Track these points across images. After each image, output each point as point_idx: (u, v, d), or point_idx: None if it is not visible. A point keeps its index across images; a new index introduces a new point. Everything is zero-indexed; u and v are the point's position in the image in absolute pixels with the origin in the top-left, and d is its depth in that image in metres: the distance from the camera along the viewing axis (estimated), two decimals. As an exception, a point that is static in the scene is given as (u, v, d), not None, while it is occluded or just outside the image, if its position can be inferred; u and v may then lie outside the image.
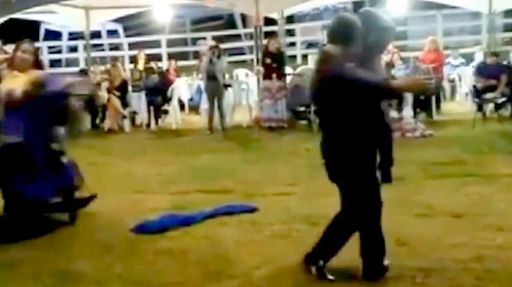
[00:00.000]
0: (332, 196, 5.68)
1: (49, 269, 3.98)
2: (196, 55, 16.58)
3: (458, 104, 12.02)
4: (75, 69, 15.20)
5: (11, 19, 14.52)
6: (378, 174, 3.89)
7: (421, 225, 4.79)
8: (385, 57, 12.24)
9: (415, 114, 10.21)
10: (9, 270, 3.99)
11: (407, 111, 9.73)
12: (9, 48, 12.52)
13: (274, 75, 10.35)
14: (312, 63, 14.95)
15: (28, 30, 18.42)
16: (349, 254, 3.77)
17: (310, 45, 19.07)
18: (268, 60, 10.41)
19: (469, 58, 13.13)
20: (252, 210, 5.29)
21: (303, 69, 11.82)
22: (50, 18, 17.47)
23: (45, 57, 18.18)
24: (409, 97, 10.52)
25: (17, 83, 4.83)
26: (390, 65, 11.21)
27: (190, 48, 18.67)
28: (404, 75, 11.46)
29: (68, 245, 4.51)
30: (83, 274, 3.87)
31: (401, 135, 9.01)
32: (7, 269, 4.00)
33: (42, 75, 4.97)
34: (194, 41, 18.76)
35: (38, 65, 4.97)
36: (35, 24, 18.90)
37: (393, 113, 9.41)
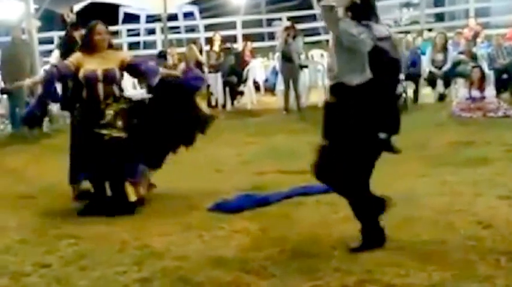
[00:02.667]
0: (410, 177, 5.64)
1: (133, 244, 4.14)
2: (272, 36, 16.59)
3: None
4: (153, 51, 15.60)
5: (91, 3, 15.06)
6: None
7: (504, 207, 4.62)
8: (466, 34, 11.82)
9: (498, 93, 9.81)
10: (96, 244, 4.19)
11: (490, 90, 9.37)
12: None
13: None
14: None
15: (107, 14, 19.06)
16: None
17: (387, 24, 18.65)
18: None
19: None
20: (329, 190, 5.26)
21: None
22: (128, 1, 17.98)
23: (124, 40, 18.77)
24: (491, 76, 10.11)
25: (110, 63, 4.97)
26: (472, 42, 10.78)
27: (265, 29, 18.68)
28: (486, 53, 11.02)
29: (149, 223, 4.66)
30: (166, 250, 4.00)
31: (483, 115, 8.71)
32: (94, 243, 4.20)
33: (130, 57, 5.25)
34: (269, 22, 18.75)
35: (109, 44, 5.10)
36: (114, 8, 19.49)
37: (475, 92, 9.09)
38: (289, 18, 15.86)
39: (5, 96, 10.38)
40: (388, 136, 3.87)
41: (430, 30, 14.69)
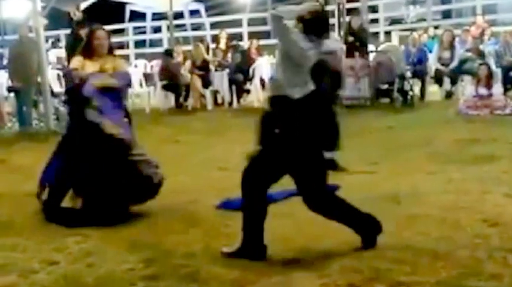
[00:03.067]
0: (417, 174, 5.63)
1: (142, 242, 4.15)
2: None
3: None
4: (159, 49, 15.62)
5: (97, 1, 15.08)
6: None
7: (511, 205, 4.61)
8: (473, 31, 11.77)
9: (506, 90, 9.77)
10: (103, 241, 4.20)
11: (497, 87, 9.34)
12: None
13: (356, 54, 10.20)
14: (396, 40, 14.60)
15: (114, 12, 19.11)
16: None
17: (393, 21, 18.60)
18: (350, 39, 10.26)
19: None
20: (335, 188, 5.26)
21: (387, 46, 11.55)
22: (136, -1, 17.99)
23: (130, 38, 18.80)
24: (498, 73, 10.08)
25: (107, 70, 4.90)
26: (479, 39, 10.74)
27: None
28: (494, 50, 10.98)
29: (156, 221, 4.66)
30: (172, 247, 4.01)
31: (490, 113, 8.68)
32: (101, 240, 4.21)
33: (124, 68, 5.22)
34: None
35: (110, 49, 5.08)
36: (121, 6, 19.53)
37: (482, 90, 9.06)
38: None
39: (12, 94, 10.43)
40: (332, 155, 3.84)
41: (436, 27, 14.64)
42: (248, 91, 11.87)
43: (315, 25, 3.74)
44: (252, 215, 3.82)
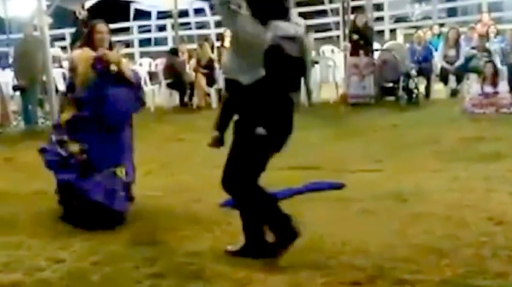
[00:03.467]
0: (422, 172, 5.62)
1: (146, 240, 4.16)
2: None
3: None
4: (164, 48, 15.62)
5: (105, 0, 15.10)
6: None
7: (517, 204, 4.60)
8: (479, 29, 11.73)
9: (511, 89, 9.73)
10: (109, 239, 4.21)
11: (503, 85, 9.30)
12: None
13: (361, 52, 10.18)
14: (400, 38, 14.56)
15: (119, 10, 19.13)
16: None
17: (398, 19, 18.54)
18: (355, 37, 10.24)
19: None
20: (340, 187, 5.28)
21: (391, 44, 11.52)
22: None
23: (135, 36, 18.82)
24: (504, 71, 10.04)
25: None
26: (484, 37, 10.69)
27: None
28: (500, 48, 10.93)
29: (160, 219, 4.67)
30: (177, 245, 4.02)
31: (495, 111, 8.65)
32: (106, 239, 4.23)
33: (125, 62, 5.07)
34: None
35: (110, 44, 5.05)
36: (126, 4, 19.55)
37: (488, 88, 9.03)
38: (299, 14, 15.79)
39: (17, 93, 10.45)
40: (266, 132, 3.64)
41: (442, 25, 14.59)
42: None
43: (267, 7, 3.60)
44: (250, 212, 3.81)
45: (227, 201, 4.93)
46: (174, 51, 12.20)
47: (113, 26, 16.17)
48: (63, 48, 14.96)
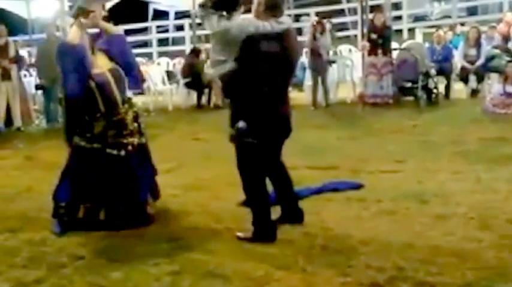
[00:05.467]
0: (442, 174, 5.58)
1: (165, 237, 4.19)
2: (300, 31, 16.49)
3: None
4: (182, 47, 15.71)
5: (123, 0, 15.21)
6: None
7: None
8: (501, 28, 11.60)
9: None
10: (128, 236, 4.25)
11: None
12: (121, 28, 13.15)
13: (379, 51, 10.13)
14: (419, 38, 14.45)
15: (138, 11, 19.26)
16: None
17: (417, 18, 18.42)
18: (374, 36, 10.19)
19: None
20: (359, 187, 5.26)
21: (410, 43, 11.45)
22: (158, -2, 18.09)
23: (153, 36, 18.94)
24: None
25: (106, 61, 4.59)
26: (506, 36, 10.56)
27: (293, 25, 18.60)
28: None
29: (179, 217, 4.70)
30: (196, 243, 4.04)
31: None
32: (126, 236, 4.26)
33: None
34: (297, 17, 18.69)
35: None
36: (144, 5, 19.68)
37: (510, 88, 8.93)
38: (317, 14, 15.77)
39: (39, 91, 10.58)
40: (245, 125, 3.85)
41: (462, 24, 14.46)
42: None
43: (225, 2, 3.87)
44: (260, 201, 4.05)
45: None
46: (195, 51, 12.24)
47: (132, 26, 16.33)
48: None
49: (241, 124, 3.84)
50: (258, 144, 3.92)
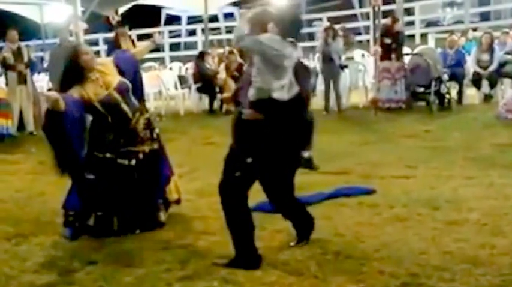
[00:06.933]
0: (455, 180, 5.54)
1: (178, 243, 4.20)
2: (312, 36, 16.52)
3: None
4: (194, 52, 15.73)
5: (135, 5, 15.30)
6: None
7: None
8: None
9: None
10: (141, 242, 4.26)
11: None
12: (134, 33, 13.25)
13: (393, 56, 10.11)
14: (432, 43, 14.39)
15: (151, 16, 19.36)
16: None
17: (430, 24, 18.35)
18: (388, 41, 10.17)
19: None
20: (371, 192, 5.24)
21: (423, 48, 11.40)
22: (170, 3, 18.19)
23: (166, 41, 19.03)
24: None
25: (108, 77, 4.54)
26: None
27: (305, 30, 18.60)
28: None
29: (190, 222, 4.71)
30: (208, 249, 4.04)
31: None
32: (138, 241, 4.27)
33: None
34: (309, 23, 18.70)
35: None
36: (157, 10, 19.78)
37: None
38: (329, 19, 15.76)
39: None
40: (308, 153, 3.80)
41: (475, 29, 14.39)
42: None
43: (292, 26, 3.78)
44: (241, 225, 3.78)
45: (258, 205, 4.94)
46: (201, 55, 12.27)
47: (144, 31, 16.40)
48: (97, 53, 15.18)
49: (248, 160, 3.70)
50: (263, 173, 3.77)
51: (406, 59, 10.50)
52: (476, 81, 10.65)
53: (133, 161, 4.48)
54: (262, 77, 3.71)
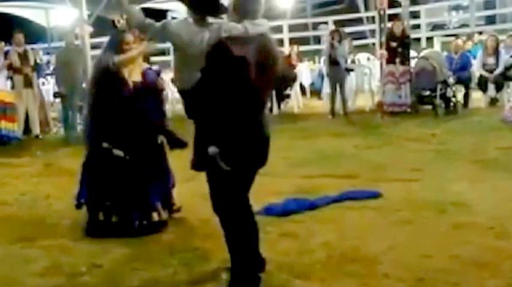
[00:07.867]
0: (461, 182, 5.53)
1: (182, 247, 4.20)
2: (318, 40, 16.52)
3: None
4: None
5: (142, 8, 15.33)
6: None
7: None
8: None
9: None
10: (146, 245, 4.27)
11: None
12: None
13: (397, 60, 10.10)
14: (438, 46, 14.36)
15: (157, 19, 19.40)
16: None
17: (435, 27, 18.33)
18: (393, 44, 10.16)
19: None
20: (376, 195, 5.23)
21: (428, 52, 11.38)
22: (176, 6, 18.22)
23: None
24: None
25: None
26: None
27: (311, 33, 18.63)
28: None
29: (196, 226, 4.70)
30: (214, 252, 4.03)
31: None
32: (144, 245, 4.28)
33: None
34: (315, 26, 18.72)
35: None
36: (162, 13, 19.82)
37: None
38: (335, 22, 15.77)
39: (58, 100, 10.68)
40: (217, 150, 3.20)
41: (480, 33, 14.36)
42: (288, 97, 11.86)
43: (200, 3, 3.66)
44: (242, 243, 3.43)
45: (265, 208, 4.95)
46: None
47: (150, 34, 16.29)
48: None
49: (212, 149, 3.17)
50: (233, 173, 3.25)
51: (413, 63, 10.48)
52: (482, 85, 10.63)
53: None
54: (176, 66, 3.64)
